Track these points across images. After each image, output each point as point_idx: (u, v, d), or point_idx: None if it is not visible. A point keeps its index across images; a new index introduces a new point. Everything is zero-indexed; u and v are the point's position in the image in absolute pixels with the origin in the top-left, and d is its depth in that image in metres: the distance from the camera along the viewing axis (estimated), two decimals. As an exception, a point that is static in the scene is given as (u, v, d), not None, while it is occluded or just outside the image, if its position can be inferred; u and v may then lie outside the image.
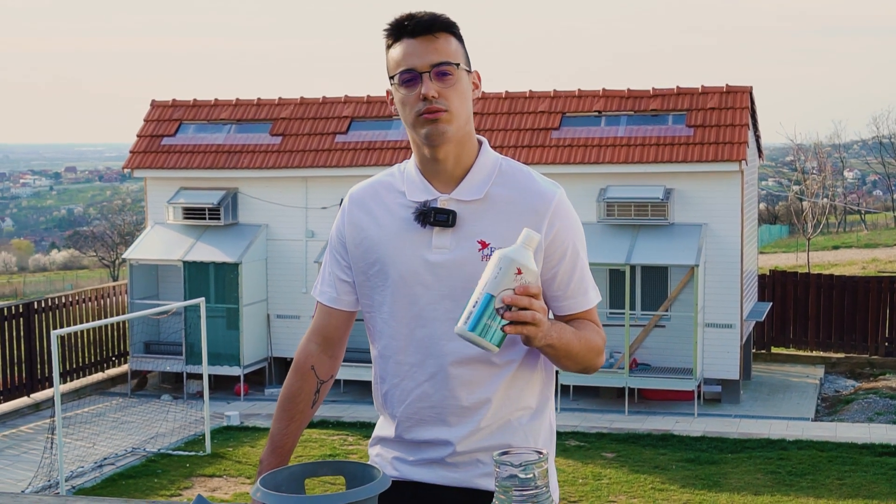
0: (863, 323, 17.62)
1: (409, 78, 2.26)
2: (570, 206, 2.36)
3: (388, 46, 2.32)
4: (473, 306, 2.04)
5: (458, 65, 2.28)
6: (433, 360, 2.31)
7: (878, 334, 17.52)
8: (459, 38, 2.32)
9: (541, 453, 1.85)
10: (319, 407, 2.50)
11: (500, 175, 2.34)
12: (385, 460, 2.41)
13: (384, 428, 2.44)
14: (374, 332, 2.40)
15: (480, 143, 2.39)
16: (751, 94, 15.07)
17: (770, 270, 19.21)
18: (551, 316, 2.35)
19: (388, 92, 2.37)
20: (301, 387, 2.44)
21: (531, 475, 1.82)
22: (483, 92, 3.04)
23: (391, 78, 2.31)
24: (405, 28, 2.28)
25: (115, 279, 38.44)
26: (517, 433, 2.34)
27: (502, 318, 2.04)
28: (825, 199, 34.70)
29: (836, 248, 41.46)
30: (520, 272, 2.05)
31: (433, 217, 2.29)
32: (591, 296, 2.37)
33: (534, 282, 2.07)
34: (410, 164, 2.40)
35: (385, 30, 2.32)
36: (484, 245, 2.27)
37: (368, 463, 2.15)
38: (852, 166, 64.29)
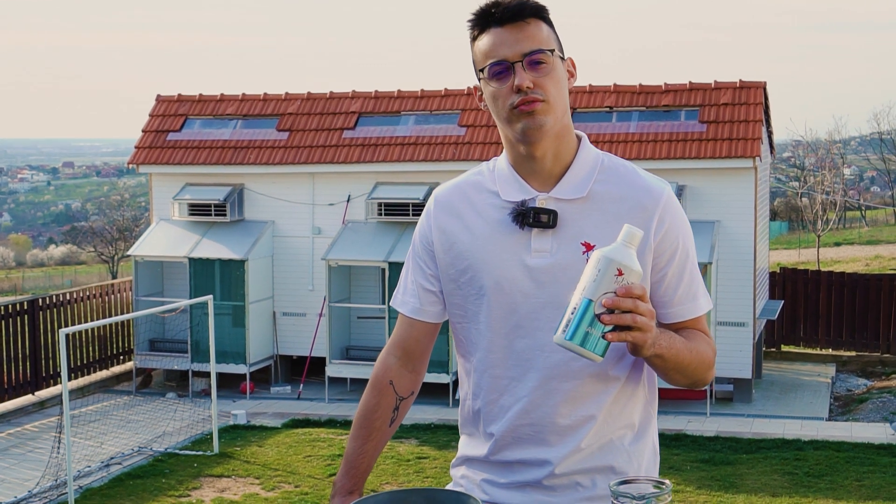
0: (874, 321, 17.46)
1: (499, 70, 2.08)
2: (679, 204, 2.18)
3: (474, 38, 2.14)
4: (572, 313, 1.87)
5: (552, 51, 2.10)
6: (535, 374, 2.12)
7: (889, 332, 17.35)
8: (550, 24, 2.13)
9: (662, 484, 1.68)
10: (398, 424, 2.30)
11: (603, 171, 2.17)
12: (472, 482, 2.22)
13: (472, 447, 2.25)
14: (467, 345, 2.20)
15: (579, 138, 2.21)
16: (764, 89, 14.89)
17: (780, 268, 19.04)
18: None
19: (475, 88, 2.19)
20: (378, 403, 2.26)
21: (651, 508, 1.66)
22: None
23: (480, 71, 2.12)
24: (492, 16, 2.10)
25: (114, 275, 38.22)
26: (620, 454, 2.16)
27: (603, 323, 1.86)
28: (824, 195, 34.52)
29: (837, 244, 41.32)
30: (620, 273, 1.86)
31: (533, 217, 2.10)
32: (700, 302, 2.19)
33: (637, 283, 1.88)
34: (502, 161, 2.20)
35: (469, 20, 2.13)
36: (588, 247, 2.09)
37: (462, 491, 1.98)
38: (850, 162, 64.09)
